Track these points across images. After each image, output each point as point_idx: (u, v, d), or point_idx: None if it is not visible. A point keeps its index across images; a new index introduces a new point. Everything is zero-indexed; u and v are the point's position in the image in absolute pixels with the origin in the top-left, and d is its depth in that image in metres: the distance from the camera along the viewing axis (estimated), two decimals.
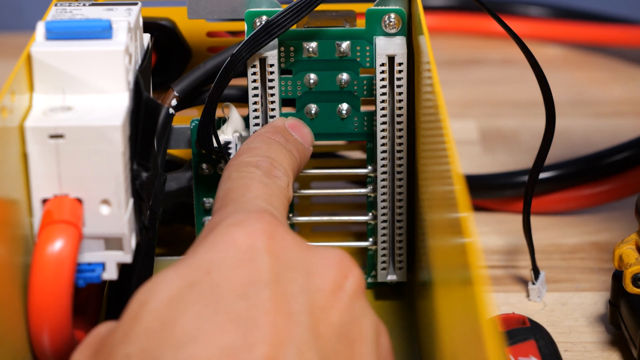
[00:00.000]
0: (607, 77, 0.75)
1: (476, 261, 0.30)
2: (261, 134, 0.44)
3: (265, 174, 0.41)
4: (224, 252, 0.35)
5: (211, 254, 0.35)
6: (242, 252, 0.35)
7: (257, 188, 0.40)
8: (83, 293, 0.42)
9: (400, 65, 0.46)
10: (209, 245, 0.36)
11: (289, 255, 0.36)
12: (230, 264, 0.35)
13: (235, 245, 0.36)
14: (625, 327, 0.46)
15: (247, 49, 0.45)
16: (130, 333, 0.34)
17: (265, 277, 0.34)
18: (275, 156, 0.42)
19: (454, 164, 0.34)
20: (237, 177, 0.41)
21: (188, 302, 0.34)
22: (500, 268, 0.54)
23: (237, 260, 0.35)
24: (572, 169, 0.58)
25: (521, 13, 0.79)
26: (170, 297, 0.34)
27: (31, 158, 0.39)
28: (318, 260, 0.36)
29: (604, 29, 0.76)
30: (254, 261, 0.35)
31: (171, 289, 0.34)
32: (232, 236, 0.36)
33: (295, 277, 0.35)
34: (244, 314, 0.33)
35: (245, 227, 0.36)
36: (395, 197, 0.48)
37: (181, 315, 0.33)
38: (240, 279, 0.34)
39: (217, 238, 0.36)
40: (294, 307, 0.34)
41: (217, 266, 0.35)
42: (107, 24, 0.40)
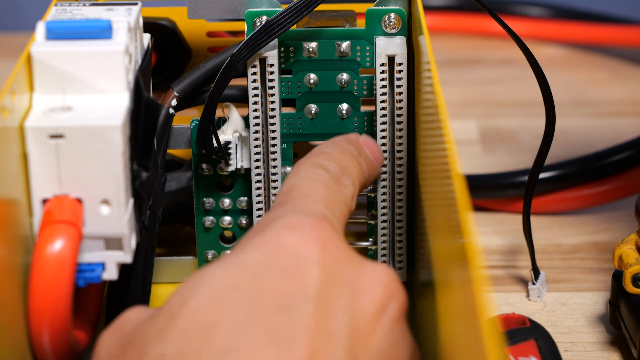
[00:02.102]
0: (607, 77, 0.75)
1: (476, 261, 0.30)
2: (335, 142, 0.43)
3: (333, 180, 0.40)
4: (272, 255, 0.34)
5: (259, 255, 0.35)
6: (292, 259, 0.34)
7: (321, 192, 0.39)
8: (83, 293, 0.42)
9: (400, 65, 0.46)
10: (258, 245, 0.35)
11: (338, 269, 0.35)
12: (277, 271, 0.34)
13: (285, 251, 0.35)
14: (625, 327, 0.46)
15: (247, 49, 0.45)
16: (167, 331, 0.33)
17: (311, 291, 0.34)
18: (346, 164, 0.41)
19: (454, 164, 0.34)
20: (304, 175, 0.40)
21: (230, 308, 0.33)
22: (500, 268, 0.54)
23: (285, 267, 0.34)
24: (572, 169, 0.58)
25: (521, 13, 0.79)
26: (212, 297, 0.33)
27: (31, 158, 0.39)
28: (366, 278, 0.35)
29: (604, 29, 0.76)
30: (302, 272, 0.34)
31: (214, 289, 0.33)
32: (283, 239, 0.35)
33: (341, 294, 0.34)
34: (284, 329, 0.32)
35: (299, 232, 0.35)
36: (395, 197, 0.48)
37: (221, 322, 0.32)
38: (286, 289, 0.33)
39: (268, 238, 0.35)
40: (335, 327, 0.33)
41: (263, 270, 0.34)
42: (107, 24, 0.40)
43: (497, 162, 0.64)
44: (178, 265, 0.51)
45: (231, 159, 0.47)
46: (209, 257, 0.50)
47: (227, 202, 0.49)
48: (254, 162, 0.48)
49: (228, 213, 0.50)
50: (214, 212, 0.50)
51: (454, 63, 0.78)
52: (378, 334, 0.35)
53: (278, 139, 0.47)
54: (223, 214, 0.50)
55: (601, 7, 0.80)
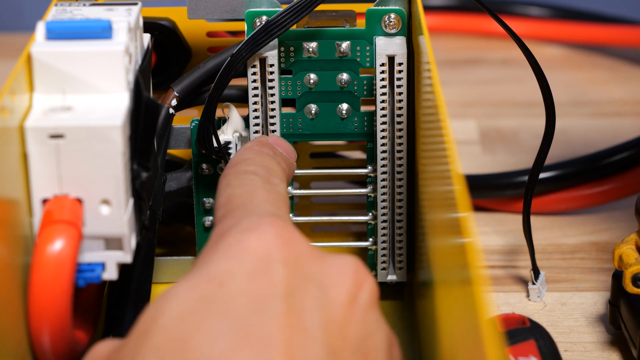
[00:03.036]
0: (607, 77, 0.75)
1: (476, 261, 0.30)
2: (249, 148, 0.43)
3: (265, 181, 0.40)
4: (237, 260, 0.34)
5: (224, 263, 0.34)
6: (257, 260, 0.34)
7: (262, 194, 0.39)
8: (83, 293, 0.42)
9: (400, 65, 0.46)
10: (221, 253, 0.35)
11: (303, 265, 0.35)
12: (245, 275, 0.34)
13: (249, 253, 0.35)
14: (625, 327, 0.46)
15: (247, 49, 0.45)
16: (139, 350, 0.32)
17: (280, 289, 0.34)
18: (269, 165, 0.42)
19: (454, 164, 0.34)
20: (237, 184, 0.40)
21: (201, 318, 0.33)
22: (500, 268, 0.54)
23: (251, 270, 0.34)
24: (572, 169, 0.58)
25: (521, 13, 0.79)
26: (182, 311, 0.33)
27: (31, 158, 0.39)
28: (333, 269, 0.35)
29: (604, 29, 0.76)
30: (268, 272, 0.34)
31: (183, 303, 0.33)
32: (245, 243, 0.35)
33: (310, 289, 0.34)
34: (258, 330, 0.32)
35: (258, 232, 0.35)
36: (395, 197, 0.48)
37: (194, 332, 0.32)
38: (255, 291, 0.33)
39: (230, 245, 0.35)
40: (309, 321, 0.33)
41: (230, 277, 0.34)
42: (107, 24, 0.40)
43: (497, 162, 0.64)
44: (178, 265, 0.51)
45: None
46: None
47: None
48: None
49: None
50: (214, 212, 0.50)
51: (454, 63, 0.78)
52: (352, 323, 0.35)
53: None
54: None
55: (601, 7, 0.80)
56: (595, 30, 0.77)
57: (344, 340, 0.34)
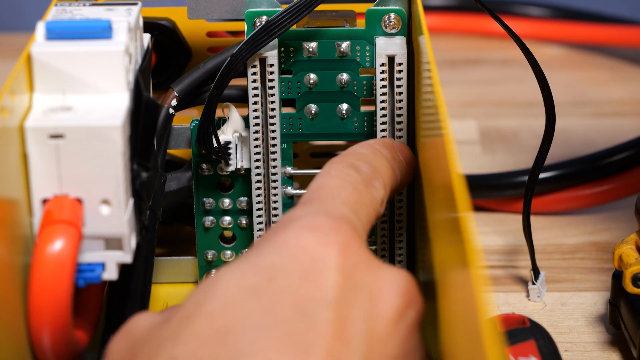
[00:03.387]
0: (607, 77, 0.75)
1: (476, 261, 0.30)
2: (370, 144, 0.42)
3: (364, 181, 0.39)
4: (290, 257, 0.34)
5: (277, 257, 0.34)
6: (310, 261, 0.34)
7: (350, 193, 0.38)
8: (83, 293, 0.42)
9: (400, 65, 0.46)
10: (276, 246, 0.34)
11: (357, 275, 0.34)
12: (296, 273, 0.33)
13: (304, 253, 0.34)
14: (625, 327, 0.46)
15: (247, 49, 0.45)
16: (180, 333, 0.32)
17: (329, 295, 0.33)
18: (379, 167, 0.41)
19: (454, 164, 0.34)
20: (335, 175, 0.39)
21: (246, 310, 0.32)
22: (500, 268, 0.54)
23: (303, 270, 0.34)
24: (572, 169, 0.58)
25: (521, 13, 0.79)
26: (228, 300, 0.33)
27: (31, 158, 0.39)
28: (385, 283, 0.35)
29: (604, 29, 0.76)
30: (320, 275, 0.34)
31: (230, 291, 0.33)
32: (302, 241, 0.34)
33: (360, 300, 0.34)
34: (301, 334, 0.32)
35: (319, 234, 0.35)
36: (395, 197, 0.48)
37: (237, 325, 0.32)
38: (304, 292, 0.33)
39: (287, 239, 0.35)
40: (353, 333, 0.33)
41: (282, 272, 0.33)
42: (107, 24, 0.40)
43: (497, 162, 0.64)
44: (178, 265, 0.51)
45: (231, 159, 0.48)
46: (208, 257, 0.50)
47: (227, 202, 0.49)
48: (254, 162, 0.48)
49: (228, 213, 0.50)
50: (213, 212, 0.50)
51: (454, 63, 0.78)
52: (395, 341, 0.34)
53: (278, 139, 0.47)
54: (223, 214, 0.50)
55: (601, 7, 0.80)
56: (595, 30, 0.77)
57: (383, 356, 0.34)
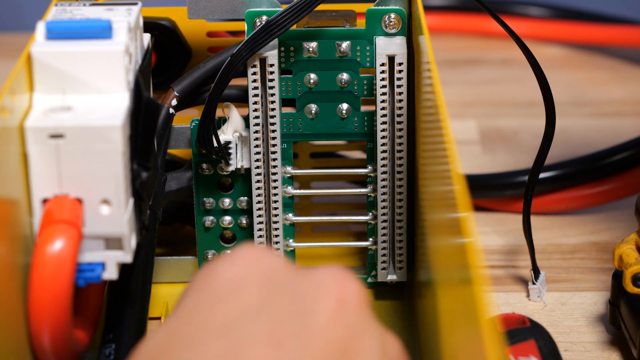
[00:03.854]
0: (607, 77, 0.75)
1: (476, 261, 0.30)
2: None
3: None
4: (207, 288, 0.34)
5: (194, 294, 0.34)
6: (227, 283, 0.34)
7: None
8: (83, 293, 0.42)
9: (400, 65, 0.46)
10: (193, 287, 0.35)
11: (276, 279, 0.34)
12: (214, 300, 0.34)
13: (220, 278, 0.34)
14: (625, 326, 0.46)
15: (247, 49, 0.45)
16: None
17: (252, 306, 0.33)
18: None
19: (454, 164, 0.34)
20: None
21: (173, 350, 0.32)
22: (500, 268, 0.54)
23: (220, 294, 0.34)
24: (572, 169, 0.58)
25: (521, 13, 0.79)
26: (154, 350, 0.32)
27: (31, 158, 0.39)
28: (310, 279, 0.35)
29: (604, 29, 0.76)
30: (239, 292, 0.34)
31: (156, 341, 0.33)
32: (216, 270, 0.35)
33: (285, 301, 0.34)
34: (230, 351, 0.32)
35: (230, 257, 0.35)
36: (395, 197, 0.48)
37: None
38: (225, 312, 0.33)
39: (202, 276, 0.35)
40: (284, 333, 0.33)
41: (199, 305, 0.33)
42: (107, 24, 0.40)
43: (497, 162, 0.64)
44: (178, 265, 0.51)
45: (231, 158, 0.48)
46: (209, 257, 0.50)
47: (227, 202, 0.49)
48: (254, 162, 0.48)
49: (228, 213, 0.50)
50: (214, 212, 0.50)
51: (454, 63, 0.78)
52: (334, 327, 0.34)
53: (278, 139, 0.47)
54: (223, 213, 0.50)
55: (601, 7, 0.80)
56: (595, 30, 0.77)
57: (326, 344, 0.33)
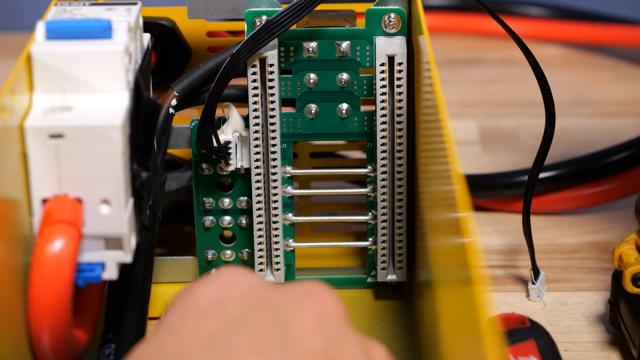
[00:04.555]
0: (607, 77, 0.75)
1: (476, 261, 0.30)
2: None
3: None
4: (188, 306, 0.34)
5: (175, 313, 0.34)
6: (208, 302, 0.34)
7: None
8: (83, 293, 0.42)
9: (400, 65, 0.46)
10: (174, 306, 0.35)
11: (256, 295, 0.35)
12: (195, 318, 0.34)
13: (200, 298, 0.35)
14: (625, 326, 0.46)
15: (247, 48, 0.45)
16: None
17: (233, 322, 0.33)
18: None
19: (454, 164, 0.34)
20: None
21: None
22: (500, 268, 0.54)
23: (202, 312, 0.34)
24: (572, 169, 0.58)
25: (521, 13, 0.79)
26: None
27: (31, 158, 0.39)
28: (287, 295, 0.35)
29: (604, 29, 0.76)
30: (220, 308, 0.34)
31: (141, 357, 0.33)
32: (196, 290, 0.35)
33: (266, 315, 0.34)
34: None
35: (209, 279, 0.35)
36: (395, 197, 0.48)
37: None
38: (207, 329, 0.33)
39: (181, 297, 0.35)
40: (269, 344, 0.33)
41: (181, 323, 0.34)
42: (107, 23, 0.40)
43: (497, 162, 0.64)
44: (178, 265, 0.51)
45: (231, 158, 0.48)
46: (208, 257, 0.50)
47: (227, 202, 0.49)
48: (254, 162, 0.48)
49: (228, 213, 0.50)
50: (213, 212, 0.50)
51: (454, 63, 0.78)
52: (315, 338, 0.34)
53: (278, 139, 0.47)
54: (223, 213, 0.50)
55: (601, 7, 0.80)
56: (595, 30, 0.77)
57: (311, 354, 0.33)
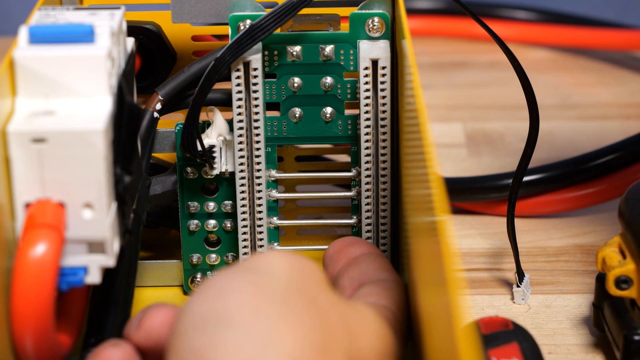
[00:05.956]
0: (593, 80, 0.75)
1: (452, 265, 0.30)
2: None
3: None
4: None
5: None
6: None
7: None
8: (66, 297, 0.42)
9: (384, 69, 0.46)
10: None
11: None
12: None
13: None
14: (609, 329, 0.46)
15: (231, 53, 0.45)
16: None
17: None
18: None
19: (432, 167, 0.34)
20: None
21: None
22: (485, 271, 0.54)
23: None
24: (558, 172, 0.58)
25: (508, 17, 0.79)
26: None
27: (14, 162, 0.39)
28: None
29: (590, 32, 0.77)
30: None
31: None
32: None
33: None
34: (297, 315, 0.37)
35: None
36: (379, 200, 0.48)
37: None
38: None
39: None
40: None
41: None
42: (89, 28, 0.40)
43: (483, 165, 0.64)
44: (163, 269, 0.51)
45: (215, 162, 0.48)
46: (193, 261, 0.50)
47: (212, 206, 0.49)
48: (239, 166, 0.48)
49: (213, 216, 0.50)
50: (198, 216, 0.50)
51: (441, 66, 0.78)
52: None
53: (262, 143, 0.47)
54: (208, 217, 0.50)
55: (587, 11, 0.81)
56: (581, 34, 0.77)
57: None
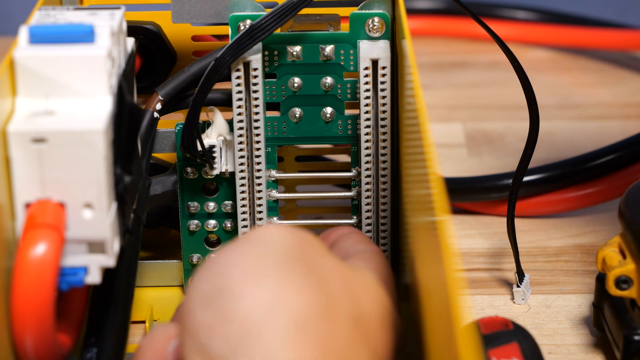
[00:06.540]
0: (593, 80, 0.75)
1: (452, 265, 0.30)
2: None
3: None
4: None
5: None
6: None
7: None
8: (66, 297, 0.42)
9: (384, 69, 0.46)
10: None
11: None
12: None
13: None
14: (609, 329, 0.46)
15: (231, 53, 0.45)
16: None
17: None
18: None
19: (432, 167, 0.34)
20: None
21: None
22: (485, 271, 0.54)
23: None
24: (558, 172, 0.58)
25: (508, 17, 0.79)
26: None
27: (14, 162, 0.39)
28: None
29: (590, 32, 0.77)
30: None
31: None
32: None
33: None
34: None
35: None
36: (379, 200, 0.48)
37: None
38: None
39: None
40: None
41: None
42: (89, 28, 0.40)
43: (483, 165, 0.64)
44: (163, 269, 0.51)
45: (216, 162, 0.48)
46: (194, 261, 0.50)
47: (212, 206, 0.49)
48: (239, 166, 0.48)
49: (213, 216, 0.50)
50: (198, 216, 0.50)
51: (441, 66, 0.78)
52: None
53: (262, 143, 0.47)
54: (208, 217, 0.50)
55: (587, 11, 0.81)
56: (581, 34, 0.77)
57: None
